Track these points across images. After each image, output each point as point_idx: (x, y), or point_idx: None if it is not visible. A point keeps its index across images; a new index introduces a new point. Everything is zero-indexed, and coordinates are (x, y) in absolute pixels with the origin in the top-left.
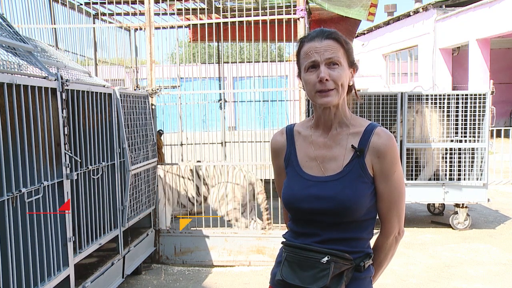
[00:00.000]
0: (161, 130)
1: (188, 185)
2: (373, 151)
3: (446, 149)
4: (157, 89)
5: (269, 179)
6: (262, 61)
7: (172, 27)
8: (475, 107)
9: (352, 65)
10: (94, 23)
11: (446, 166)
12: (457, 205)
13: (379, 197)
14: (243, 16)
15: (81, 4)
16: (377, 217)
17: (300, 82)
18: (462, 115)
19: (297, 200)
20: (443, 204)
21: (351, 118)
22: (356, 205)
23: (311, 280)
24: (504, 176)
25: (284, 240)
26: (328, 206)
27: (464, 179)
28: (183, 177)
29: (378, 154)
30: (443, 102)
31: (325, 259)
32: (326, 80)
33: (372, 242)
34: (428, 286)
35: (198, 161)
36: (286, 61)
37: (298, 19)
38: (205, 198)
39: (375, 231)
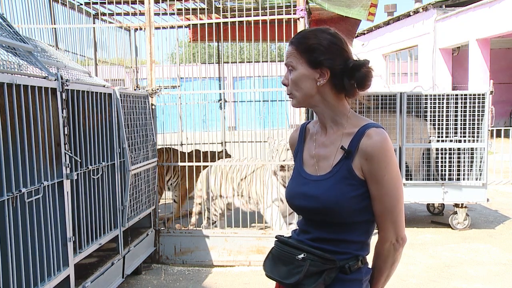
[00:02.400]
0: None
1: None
2: (361, 153)
3: (445, 149)
4: (157, 89)
5: None
6: (262, 61)
7: (172, 27)
8: (474, 107)
9: (317, 65)
10: (94, 23)
11: (445, 166)
12: (456, 205)
13: (372, 201)
14: (243, 16)
15: (81, 4)
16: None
17: None
18: (461, 115)
19: (291, 197)
20: (443, 204)
21: (349, 118)
22: (338, 207)
23: (286, 274)
24: (504, 176)
25: (279, 235)
26: (314, 205)
27: (464, 179)
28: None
29: (366, 156)
30: (443, 102)
31: (301, 256)
32: (285, 84)
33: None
34: (428, 286)
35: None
36: None
37: (298, 19)
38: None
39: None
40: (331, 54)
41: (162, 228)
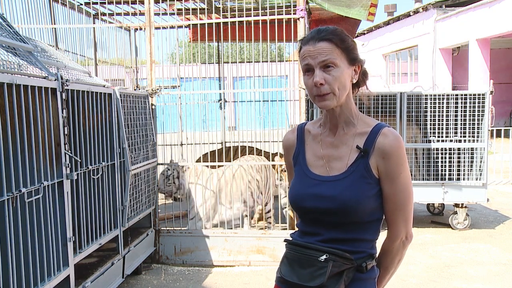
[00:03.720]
0: None
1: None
2: (378, 152)
3: (446, 149)
4: (157, 89)
5: None
6: (262, 61)
7: (172, 27)
8: (474, 107)
9: (354, 61)
10: (94, 23)
11: (445, 166)
12: (456, 205)
13: (385, 199)
14: (243, 16)
15: (81, 4)
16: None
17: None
18: (461, 115)
19: (301, 199)
20: (443, 204)
21: (358, 118)
22: (358, 206)
23: (308, 277)
24: (504, 176)
25: (288, 238)
26: (330, 205)
27: (464, 179)
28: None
29: (383, 154)
30: (443, 102)
31: (323, 257)
32: (321, 84)
33: (379, 243)
34: (428, 286)
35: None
36: (286, 61)
37: (298, 19)
38: None
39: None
40: (357, 50)
41: (162, 228)
